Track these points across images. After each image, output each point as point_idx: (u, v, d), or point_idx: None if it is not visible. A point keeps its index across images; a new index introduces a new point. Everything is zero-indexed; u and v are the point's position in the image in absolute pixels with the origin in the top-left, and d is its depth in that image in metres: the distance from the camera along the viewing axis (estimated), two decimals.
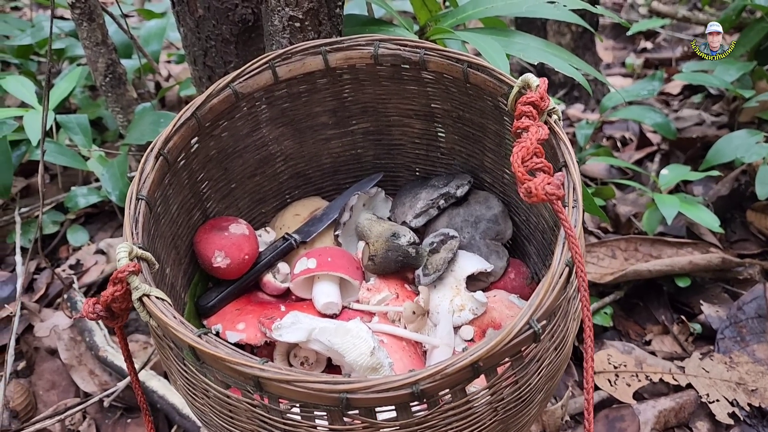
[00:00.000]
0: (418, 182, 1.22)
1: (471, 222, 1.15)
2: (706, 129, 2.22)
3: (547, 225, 1.07)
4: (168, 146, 0.91)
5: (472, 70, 0.96)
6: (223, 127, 1.06)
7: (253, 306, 1.10)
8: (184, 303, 1.08)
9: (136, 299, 0.73)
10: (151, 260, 0.79)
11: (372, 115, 1.18)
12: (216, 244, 1.07)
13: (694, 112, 2.40)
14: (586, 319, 0.71)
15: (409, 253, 1.10)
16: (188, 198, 1.05)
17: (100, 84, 1.62)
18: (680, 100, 2.61)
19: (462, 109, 1.09)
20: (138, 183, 0.85)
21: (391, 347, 1.03)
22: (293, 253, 1.17)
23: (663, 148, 2.17)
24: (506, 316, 1.07)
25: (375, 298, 1.10)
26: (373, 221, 1.18)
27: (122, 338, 0.83)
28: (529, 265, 1.17)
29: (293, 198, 1.27)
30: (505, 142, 1.07)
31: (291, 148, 1.19)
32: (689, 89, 2.64)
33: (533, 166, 0.75)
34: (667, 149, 2.16)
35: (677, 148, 2.13)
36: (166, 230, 0.99)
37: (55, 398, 1.49)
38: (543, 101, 0.82)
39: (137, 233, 0.81)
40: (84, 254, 1.75)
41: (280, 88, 1.07)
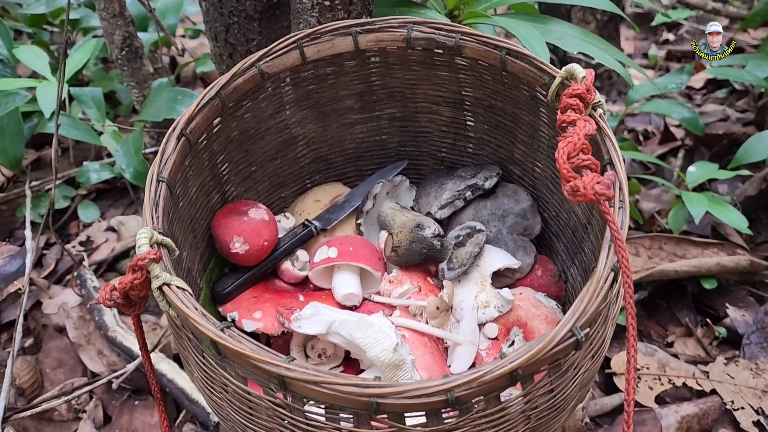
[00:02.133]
0: (444, 172, 1.18)
1: (498, 216, 1.11)
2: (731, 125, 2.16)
3: (578, 222, 1.03)
4: (191, 126, 0.87)
5: (510, 57, 0.91)
6: (247, 107, 1.01)
7: (271, 294, 1.07)
8: (200, 289, 1.05)
9: (156, 288, 0.69)
10: (172, 246, 0.75)
11: (399, 101, 1.13)
12: (235, 229, 1.03)
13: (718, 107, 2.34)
14: (630, 327, 0.68)
15: (434, 246, 1.06)
16: (207, 180, 1.02)
17: (116, 57, 1.57)
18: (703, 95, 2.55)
19: (494, 97, 1.05)
20: (159, 164, 0.81)
21: (413, 343, 1.00)
22: (313, 240, 1.13)
23: (687, 143, 2.12)
24: (533, 315, 1.03)
25: (397, 290, 1.06)
26: (397, 210, 1.14)
27: (138, 326, 0.79)
28: (556, 263, 1.13)
29: (314, 183, 1.23)
30: (539, 134, 1.03)
31: (314, 131, 1.15)
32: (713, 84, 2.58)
33: (579, 163, 0.70)
34: (691, 145, 2.11)
35: (701, 144, 2.08)
36: (185, 213, 0.95)
37: (62, 377, 1.46)
38: (589, 94, 0.77)
39: (157, 217, 0.77)
40: (95, 231, 1.71)
41: (306, 69, 1.03)
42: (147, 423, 1.36)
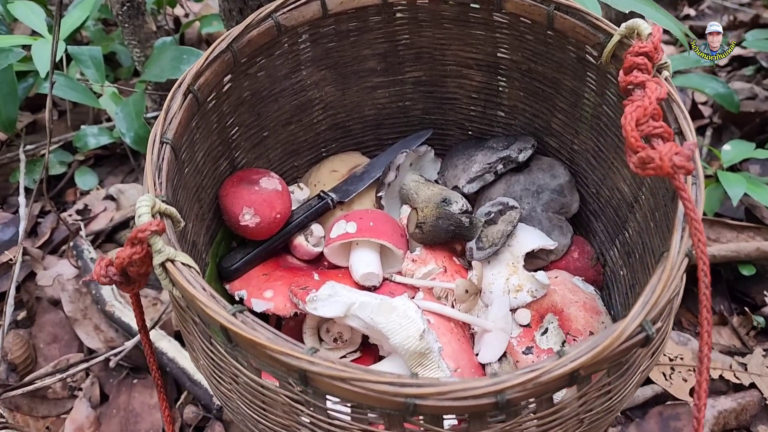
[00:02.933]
0: (473, 143, 1.08)
1: (532, 191, 1.01)
2: (760, 104, 2.06)
3: (623, 200, 0.93)
4: (199, 82, 0.77)
5: (559, 13, 0.81)
6: (261, 65, 0.91)
7: (282, 272, 0.98)
8: (206, 264, 0.96)
9: (158, 264, 0.60)
10: (176, 217, 0.66)
11: (426, 63, 1.03)
12: (245, 200, 0.94)
13: (746, 85, 2.24)
14: (705, 322, 0.59)
15: (462, 223, 0.96)
16: (216, 145, 0.92)
17: (116, 13, 1.46)
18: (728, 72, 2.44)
19: (534, 60, 0.95)
20: (163, 123, 0.71)
21: (439, 329, 0.91)
22: (329, 214, 1.04)
23: (715, 121, 2.02)
24: (569, 301, 0.94)
25: (420, 270, 0.97)
26: (421, 183, 1.04)
27: (137, 305, 0.70)
28: (593, 244, 1.03)
29: (329, 152, 1.13)
30: (582, 102, 0.93)
31: (332, 94, 1.05)
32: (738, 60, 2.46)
33: (650, 132, 0.61)
34: (720, 123, 2.00)
35: (731, 122, 1.98)
36: (190, 180, 0.86)
37: (57, 353, 1.38)
38: (657, 53, 0.67)
39: (161, 183, 0.68)
40: (92, 199, 1.62)
41: (327, 23, 0.93)
42: (146, 403, 1.28)
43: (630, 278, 0.93)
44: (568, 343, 0.92)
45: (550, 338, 0.93)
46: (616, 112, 0.87)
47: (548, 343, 0.93)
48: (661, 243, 0.81)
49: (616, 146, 0.91)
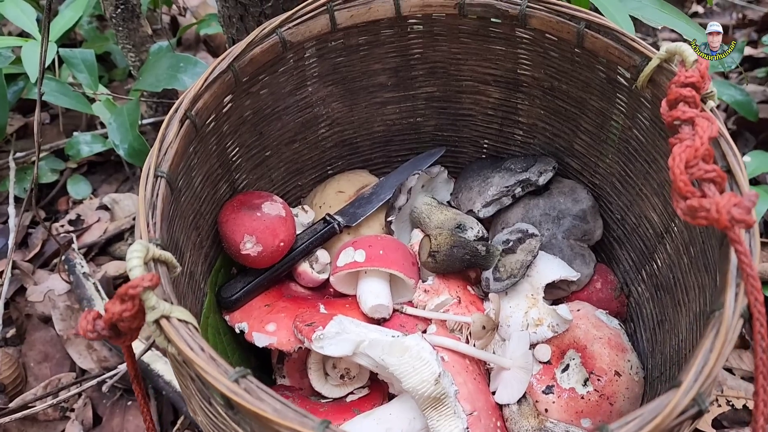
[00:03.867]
0: (488, 162, 1.02)
1: (552, 217, 0.95)
2: None
3: (651, 229, 0.87)
4: (197, 107, 0.71)
5: (590, 31, 0.75)
6: (263, 82, 0.85)
7: (286, 302, 0.92)
8: (204, 294, 0.89)
9: (152, 322, 0.54)
10: (172, 262, 0.60)
11: (440, 78, 0.97)
12: (246, 227, 0.87)
13: (758, 88, 2.17)
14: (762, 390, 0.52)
15: (479, 252, 0.90)
16: (215, 168, 0.85)
17: (110, 16, 1.39)
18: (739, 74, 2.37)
19: (558, 78, 0.88)
20: (157, 155, 0.65)
21: (453, 367, 0.85)
22: (335, 238, 0.98)
23: (730, 127, 1.95)
24: (593, 338, 0.88)
25: (433, 302, 0.91)
26: (434, 207, 0.98)
27: (130, 358, 0.64)
28: (617, 273, 0.97)
29: (336, 170, 1.07)
30: (610, 124, 0.87)
31: (339, 111, 0.98)
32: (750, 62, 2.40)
33: (701, 176, 0.54)
34: (735, 129, 1.94)
35: (747, 129, 1.92)
36: (187, 208, 0.80)
37: (48, 372, 1.32)
38: (705, 83, 0.61)
39: (155, 224, 0.61)
40: (85, 209, 1.55)
41: (336, 38, 0.86)
42: (141, 427, 1.22)
43: (659, 314, 0.87)
44: (591, 382, 0.86)
45: (571, 376, 0.87)
46: (648, 137, 0.81)
47: (570, 381, 0.87)
48: (696, 282, 0.75)
49: (646, 172, 0.84)
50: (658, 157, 0.80)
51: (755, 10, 2.55)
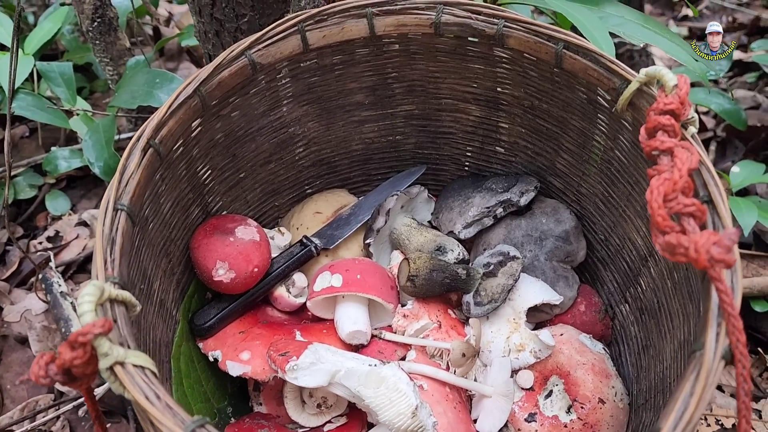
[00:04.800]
0: (470, 181, 0.99)
1: (535, 238, 0.93)
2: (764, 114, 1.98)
3: (636, 252, 0.85)
4: (161, 134, 0.68)
5: (569, 52, 0.72)
6: (234, 104, 0.82)
7: (261, 329, 0.89)
8: (176, 322, 0.87)
9: (105, 369, 0.51)
10: (131, 302, 0.57)
11: (419, 96, 0.94)
12: (218, 253, 0.85)
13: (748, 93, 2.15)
14: None
15: (459, 275, 0.88)
16: (185, 192, 0.83)
17: (86, 29, 1.36)
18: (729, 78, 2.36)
19: (538, 97, 0.86)
20: (117, 188, 0.62)
21: (432, 396, 0.83)
22: (312, 261, 0.95)
23: (720, 134, 1.93)
24: (576, 363, 0.86)
25: (412, 327, 0.89)
26: (413, 228, 0.96)
27: (90, 400, 0.61)
28: (602, 294, 0.95)
29: (314, 189, 1.04)
30: (592, 145, 0.84)
31: (315, 130, 0.96)
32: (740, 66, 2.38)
33: (680, 210, 0.52)
34: (725, 136, 1.92)
35: (736, 136, 1.90)
36: (156, 236, 0.77)
37: (25, 394, 1.29)
38: (684, 109, 0.59)
39: (113, 261, 0.59)
40: (64, 225, 1.52)
41: (308, 58, 0.84)
42: None
43: (643, 338, 0.85)
44: (575, 410, 0.84)
45: (554, 402, 0.85)
46: (630, 159, 0.79)
47: (553, 408, 0.85)
48: (680, 309, 0.73)
49: (629, 194, 0.82)
50: (641, 180, 0.78)
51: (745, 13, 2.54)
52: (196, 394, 0.86)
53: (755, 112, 2.07)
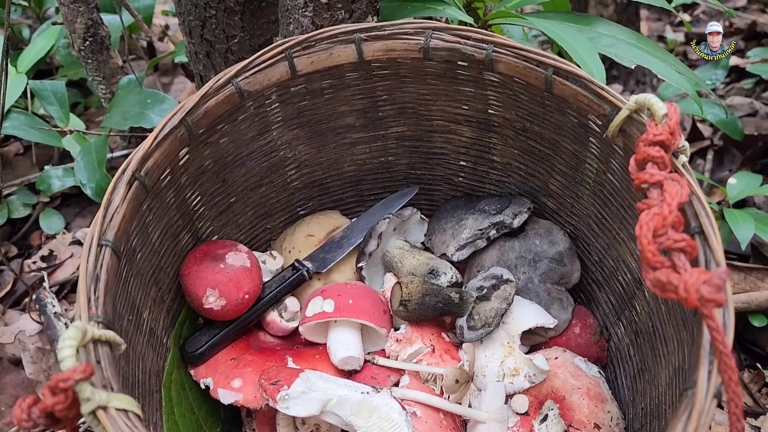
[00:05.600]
0: (462, 202, 0.99)
1: (528, 260, 0.92)
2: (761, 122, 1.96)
3: (630, 275, 0.84)
4: (147, 166, 0.67)
5: (558, 78, 0.72)
6: (223, 131, 0.81)
7: (253, 356, 0.88)
8: (167, 349, 0.86)
9: (87, 414, 0.50)
10: (116, 341, 0.56)
11: (410, 118, 0.94)
12: (208, 280, 0.84)
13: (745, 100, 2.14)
14: None
15: (452, 299, 0.87)
16: (175, 220, 0.82)
17: (78, 48, 1.36)
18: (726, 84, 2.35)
19: (530, 120, 0.85)
20: (102, 223, 0.61)
21: (426, 422, 0.82)
22: (305, 285, 0.94)
23: (716, 143, 1.93)
24: (571, 388, 0.85)
25: (405, 351, 0.88)
26: (406, 251, 0.95)
27: None
28: (597, 316, 0.94)
29: (306, 210, 1.03)
30: (584, 167, 0.84)
31: (306, 153, 0.95)
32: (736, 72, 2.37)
33: (670, 245, 0.51)
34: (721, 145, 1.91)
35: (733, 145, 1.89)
36: (144, 265, 0.76)
37: None
38: (674, 139, 0.58)
39: (97, 299, 0.58)
40: (58, 244, 1.51)
41: (297, 83, 0.83)
42: None
43: (639, 362, 0.84)
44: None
45: (550, 428, 0.84)
46: (622, 183, 0.78)
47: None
48: (675, 335, 0.72)
49: (622, 217, 0.81)
50: (633, 203, 0.77)
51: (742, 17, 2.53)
52: (188, 422, 0.85)
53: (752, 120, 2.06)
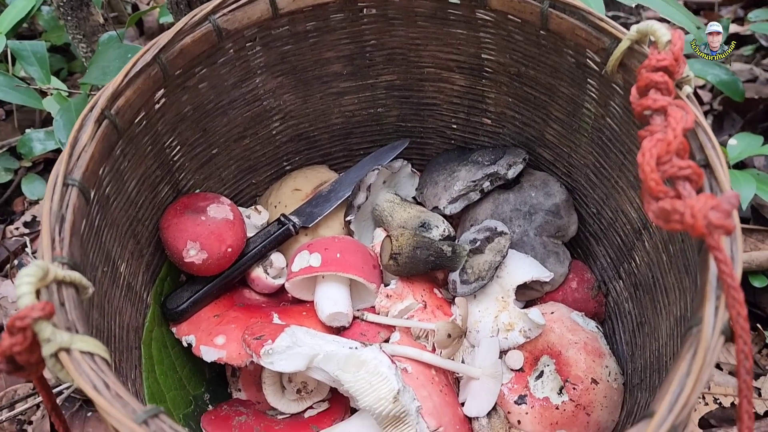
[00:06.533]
0: (455, 154, 0.95)
1: (524, 212, 0.88)
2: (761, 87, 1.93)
3: (629, 225, 0.81)
4: (117, 104, 0.63)
5: (555, 11, 0.67)
6: (201, 75, 0.77)
7: (237, 312, 0.85)
8: (147, 306, 0.82)
9: (49, 356, 0.47)
10: (82, 283, 0.53)
11: (400, 65, 0.90)
12: (189, 233, 0.80)
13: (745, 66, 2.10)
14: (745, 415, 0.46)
15: (444, 252, 0.83)
16: (153, 169, 0.78)
17: (56, 5, 1.31)
18: None
19: (525, 63, 0.81)
20: (67, 161, 0.58)
21: (417, 379, 0.79)
22: (291, 240, 0.91)
23: (716, 108, 1.89)
24: (568, 342, 0.82)
25: (396, 307, 0.84)
26: (396, 204, 0.91)
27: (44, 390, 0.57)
28: (594, 270, 0.91)
29: (293, 165, 1.00)
30: (582, 112, 0.80)
31: (292, 103, 0.91)
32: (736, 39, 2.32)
33: (674, 173, 0.48)
34: (721, 110, 1.88)
35: (733, 109, 1.85)
36: (120, 215, 0.73)
37: (2, 383, 1.25)
38: (678, 66, 0.54)
39: (62, 240, 0.54)
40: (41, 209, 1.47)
41: (280, 24, 0.79)
42: None
43: (638, 315, 0.81)
44: (567, 391, 0.80)
45: (545, 384, 0.81)
46: (622, 127, 0.74)
47: (544, 390, 0.81)
48: (676, 283, 0.69)
49: (621, 164, 0.78)
50: (633, 148, 0.74)
51: None
52: (170, 381, 0.82)
53: (752, 85, 2.02)
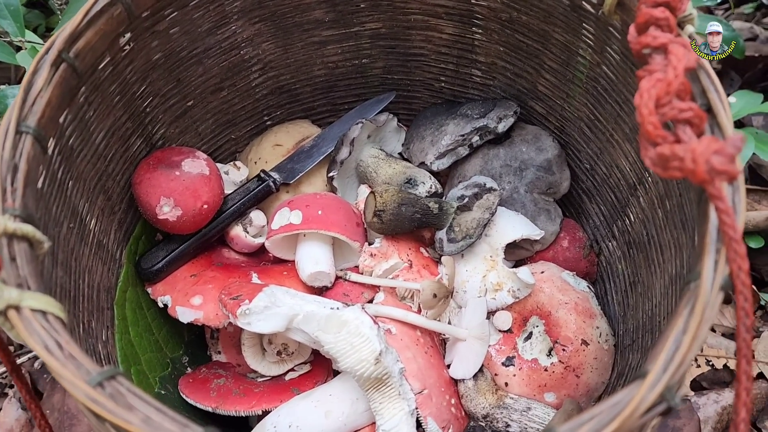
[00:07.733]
0: (443, 108, 0.91)
1: (514, 168, 0.85)
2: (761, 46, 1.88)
3: (623, 180, 0.77)
4: (77, 47, 0.59)
5: None
6: (172, 19, 0.72)
7: (215, 271, 0.82)
8: (120, 266, 0.79)
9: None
10: (36, 237, 0.49)
11: (386, 12, 0.85)
12: (162, 188, 0.76)
13: (745, 24, 2.05)
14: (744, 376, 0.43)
15: (430, 210, 0.80)
16: (123, 121, 0.74)
17: None
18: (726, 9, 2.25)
19: (517, 7, 0.76)
20: (21, 107, 0.53)
21: (401, 341, 0.76)
22: (272, 197, 0.87)
23: (715, 66, 1.84)
24: (558, 303, 0.79)
25: (380, 266, 0.81)
26: (381, 160, 0.87)
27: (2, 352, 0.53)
28: (587, 229, 0.88)
29: (274, 120, 0.95)
30: (576, 61, 0.76)
31: (272, 52, 0.86)
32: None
33: (675, 116, 0.44)
34: (719, 69, 1.83)
35: (732, 67, 1.80)
36: (88, 169, 0.69)
37: None
38: (681, 2, 0.50)
39: (14, 191, 0.50)
40: None
41: None
42: None
43: (631, 274, 0.78)
44: (556, 352, 0.77)
45: (534, 345, 0.78)
46: (619, 74, 0.70)
47: (533, 351, 0.78)
48: (672, 240, 0.66)
49: (617, 116, 0.74)
50: (630, 98, 0.70)
51: None
52: (146, 343, 0.79)
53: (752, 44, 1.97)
